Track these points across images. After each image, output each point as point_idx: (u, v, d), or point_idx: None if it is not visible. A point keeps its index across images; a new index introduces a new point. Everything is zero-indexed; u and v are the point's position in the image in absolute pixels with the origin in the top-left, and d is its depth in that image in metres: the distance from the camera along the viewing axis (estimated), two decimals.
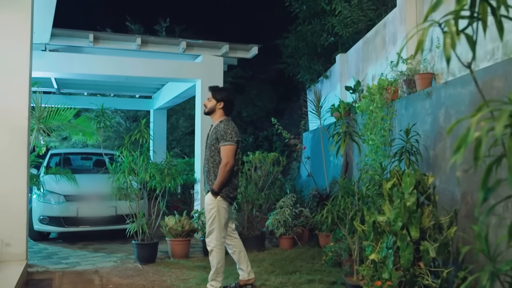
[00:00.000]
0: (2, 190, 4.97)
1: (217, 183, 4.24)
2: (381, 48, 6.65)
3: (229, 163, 4.24)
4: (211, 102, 4.45)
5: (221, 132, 4.29)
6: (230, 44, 7.76)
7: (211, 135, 4.38)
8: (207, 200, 4.30)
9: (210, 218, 4.28)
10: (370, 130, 5.66)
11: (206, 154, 4.40)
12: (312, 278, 4.93)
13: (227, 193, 4.31)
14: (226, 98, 4.48)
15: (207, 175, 4.37)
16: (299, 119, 9.54)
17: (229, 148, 4.26)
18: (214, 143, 4.32)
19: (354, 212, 4.16)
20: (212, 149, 4.33)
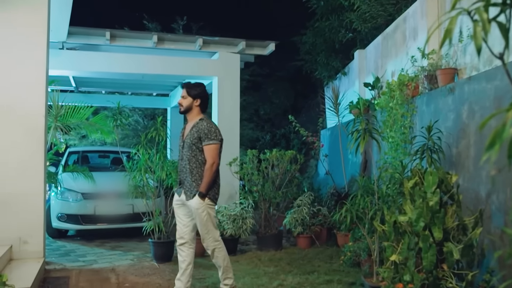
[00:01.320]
0: (20, 188, 4.99)
1: (204, 185, 4.01)
2: (401, 44, 6.49)
3: (215, 163, 4.06)
4: (187, 100, 4.21)
5: (204, 130, 4.07)
6: (247, 41, 7.68)
7: (192, 133, 4.11)
8: (195, 204, 4.02)
9: (202, 222, 4.04)
10: (390, 127, 5.53)
11: (186, 154, 4.12)
12: (331, 279, 4.83)
13: (214, 195, 4.12)
14: (202, 94, 4.25)
15: (190, 176, 4.09)
16: (316, 116, 9.41)
17: (214, 147, 4.08)
18: (196, 142, 4.08)
19: (374, 211, 4.05)
20: (193, 149, 4.08)
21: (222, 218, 6.36)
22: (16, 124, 5.01)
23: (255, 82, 14.15)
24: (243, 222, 6.28)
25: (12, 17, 5.05)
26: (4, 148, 4.96)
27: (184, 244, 4.21)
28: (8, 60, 5.02)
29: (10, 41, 5.03)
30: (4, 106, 4.98)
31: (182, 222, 4.23)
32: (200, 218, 4.04)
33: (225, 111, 7.74)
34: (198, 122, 4.16)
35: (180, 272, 4.23)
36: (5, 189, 4.94)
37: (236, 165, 7.01)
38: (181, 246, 4.21)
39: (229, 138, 7.69)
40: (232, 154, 7.41)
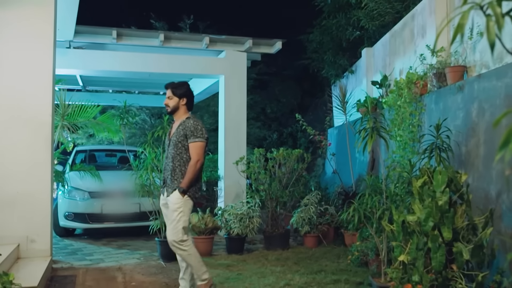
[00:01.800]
0: (27, 187, 5.00)
1: (186, 181, 3.96)
2: (409, 41, 6.43)
3: (199, 160, 4.01)
4: (173, 100, 4.18)
5: (190, 128, 4.04)
6: (254, 39, 7.65)
7: (178, 131, 4.08)
8: (174, 200, 3.98)
9: (175, 219, 3.97)
10: (398, 125, 5.48)
11: (170, 152, 4.09)
12: (338, 278, 4.79)
13: (193, 193, 4.07)
14: (188, 92, 4.25)
15: (171, 173, 4.05)
16: (324, 115, 9.35)
17: (200, 145, 4.04)
18: (182, 140, 4.04)
19: (382, 211, 4.01)
20: (178, 147, 4.05)
21: (229, 217, 6.34)
22: (23, 123, 5.02)
23: (262, 81, 14.12)
24: (250, 221, 6.26)
25: (18, 16, 5.05)
26: (11, 147, 4.97)
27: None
28: (14, 59, 5.03)
29: (17, 40, 5.04)
30: (11, 105, 4.98)
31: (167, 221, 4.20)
32: (174, 214, 3.97)
33: (232, 110, 7.72)
34: (185, 120, 4.13)
35: (182, 271, 4.21)
36: (13, 187, 4.96)
37: (243, 164, 6.99)
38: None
39: (236, 137, 7.70)
40: (239, 153, 7.40)
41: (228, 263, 5.66)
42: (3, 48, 4.99)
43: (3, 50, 4.99)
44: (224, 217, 6.42)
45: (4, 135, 4.96)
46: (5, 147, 4.95)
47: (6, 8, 5.01)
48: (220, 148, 7.91)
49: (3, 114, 4.96)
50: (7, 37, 5.01)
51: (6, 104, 4.97)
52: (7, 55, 5.00)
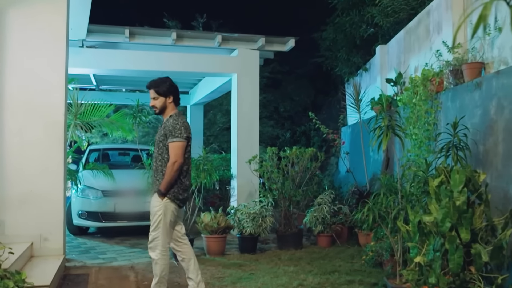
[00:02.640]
0: (40, 185, 5.01)
1: (164, 183, 3.82)
2: (424, 38, 6.31)
3: (177, 161, 3.82)
4: (159, 101, 4.00)
5: (169, 127, 3.88)
6: (266, 37, 7.60)
7: (160, 131, 3.99)
8: (153, 202, 3.89)
9: (155, 222, 3.86)
10: (413, 124, 5.39)
11: (155, 152, 3.99)
12: (352, 279, 4.72)
13: (176, 195, 3.89)
14: (172, 88, 4.05)
15: (154, 174, 3.97)
16: (337, 113, 9.27)
17: (178, 145, 3.84)
18: (162, 139, 3.91)
19: (397, 211, 3.92)
20: (160, 146, 3.92)
21: (242, 216, 6.30)
22: (36, 122, 5.03)
23: (275, 80, 14.08)
24: (262, 221, 6.21)
25: (31, 15, 5.06)
26: (25, 146, 4.99)
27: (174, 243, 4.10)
28: (27, 58, 5.04)
29: (30, 40, 5.05)
30: (24, 104, 5.00)
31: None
32: (155, 217, 3.86)
33: (245, 108, 7.68)
34: (167, 119, 4.00)
35: (187, 271, 4.16)
36: (26, 186, 4.97)
37: (256, 162, 6.94)
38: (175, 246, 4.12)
39: (249, 136, 7.65)
40: (251, 151, 7.35)
41: (241, 262, 5.62)
42: (16, 47, 5.00)
43: (16, 49, 5.00)
44: (236, 216, 6.38)
45: (18, 134, 4.98)
46: (18, 146, 4.97)
47: (19, 8, 5.02)
48: (232, 146, 7.87)
49: (16, 113, 4.98)
50: (20, 37, 5.01)
51: (19, 103, 4.98)
52: (20, 54, 5.01)
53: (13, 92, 4.97)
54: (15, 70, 4.99)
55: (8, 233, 4.91)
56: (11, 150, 4.95)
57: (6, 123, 4.94)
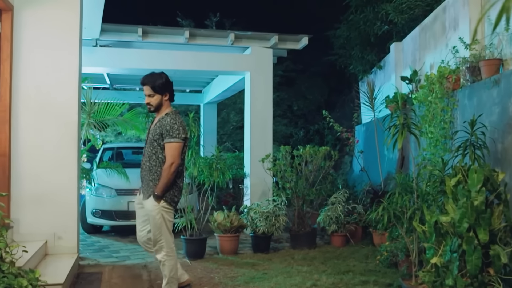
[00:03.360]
0: (54, 184, 5.03)
1: (160, 186, 3.69)
2: (440, 35, 6.21)
3: (174, 163, 3.68)
4: (156, 98, 3.82)
5: (166, 127, 3.70)
6: (279, 35, 7.55)
7: (155, 129, 3.78)
8: (150, 206, 3.74)
9: (155, 225, 3.75)
10: (429, 122, 5.30)
11: (147, 150, 3.80)
12: (366, 279, 4.66)
13: (172, 197, 3.78)
14: (167, 84, 3.88)
15: (148, 173, 3.79)
16: (351, 112, 9.19)
17: (176, 146, 3.69)
18: (157, 138, 3.73)
19: (413, 210, 3.85)
20: (154, 145, 3.75)
21: (255, 215, 6.27)
22: (50, 121, 5.05)
23: (288, 78, 14.02)
24: (276, 220, 6.17)
25: (45, 15, 5.08)
26: (39, 144, 5.01)
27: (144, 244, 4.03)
28: (41, 57, 5.06)
29: (44, 39, 5.07)
30: (38, 103, 5.02)
31: (141, 224, 3.98)
32: (154, 221, 3.75)
33: (258, 107, 7.64)
34: (163, 117, 3.80)
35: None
36: (40, 185, 4.99)
37: (269, 161, 6.90)
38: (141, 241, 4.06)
39: (262, 134, 7.62)
40: (264, 150, 7.32)
41: (254, 262, 5.59)
42: (30, 46, 5.02)
43: (30, 48, 5.02)
44: (250, 215, 6.35)
45: (32, 133, 5.00)
46: (32, 145, 5.00)
47: (34, 8, 5.05)
48: (246, 145, 7.84)
49: (31, 112, 5.00)
50: (34, 36, 5.04)
51: (34, 102, 5.01)
52: (34, 53, 5.04)
53: (27, 91, 5.00)
54: (29, 69, 5.01)
55: (23, 231, 4.94)
56: (26, 148, 4.98)
57: (21, 122, 4.97)
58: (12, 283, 3.26)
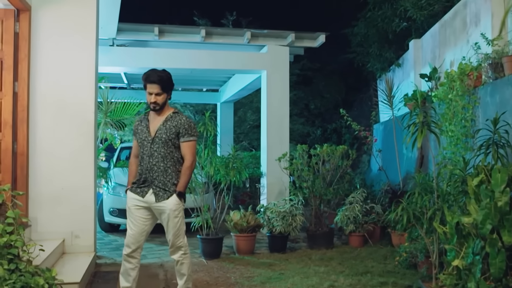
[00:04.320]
0: (71, 183, 5.05)
1: (183, 184, 3.70)
2: (461, 31, 6.07)
3: (194, 161, 3.75)
4: (163, 97, 3.71)
5: (184, 125, 3.69)
6: (296, 33, 7.48)
7: (168, 128, 3.68)
8: (173, 206, 3.66)
9: (176, 225, 3.70)
10: (449, 120, 5.18)
11: (159, 151, 3.68)
12: (385, 281, 4.57)
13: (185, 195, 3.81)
14: (172, 83, 3.81)
15: (163, 174, 3.68)
16: (369, 110, 9.06)
17: (194, 144, 3.74)
18: (173, 137, 3.68)
19: (433, 211, 3.75)
20: (169, 145, 3.68)
21: (272, 215, 6.22)
22: (67, 120, 5.07)
23: (305, 77, 13.95)
24: (292, 219, 6.11)
25: (62, 15, 5.10)
26: (56, 144, 5.04)
27: (137, 250, 3.80)
28: (58, 57, 5.08)
29: (60, 38, 5.09)
30: (55, 102, 5.05)
31: (140, 227, 3.77)
32: (175, 220, 3.69)
33: (274, 105, 7.59)
34: (173, 115, 3.74)
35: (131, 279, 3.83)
36: (57, 183, 5.02)
37: (286, 160, 6.85)
38: (134, 253, 3.79)
39: (279, 133, 7.56)
40: (281, 149, 7.27)
41: (270, 262, 5.54)
42: (47, 46, 5.05)
43: (47, 48, 5.05)
44: (266, 215, 6.30)
45: (49, 132, 5.03)
46: (50, 143, 5.03)
47: (50, 7, 5.07)
48: (262, 144, 7.79)
49: (48, 111, 5.03)
50: (51, 36, 5.06)
51: (51, 101, 5.04)
52: (51, 53, 5.06)
53: (45, 91, 5.03)
54: (46, 69, 5.04)
55: (41, 230, 4.98)
56: (43, 147, 5.01)
57: (38, 121, 5.00)
58: (29, 282, 3.27)
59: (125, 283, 3.85)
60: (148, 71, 3.80)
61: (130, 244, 3.77)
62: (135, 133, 3.88)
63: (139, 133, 3.81)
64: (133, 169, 3.91)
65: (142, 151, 3.76)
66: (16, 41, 4.84)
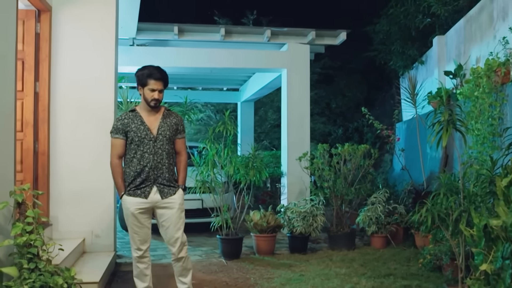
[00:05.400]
0: (91, 182, 5.08)
1: (185, 179, 3.79)
2: (487, 26, 5.89)
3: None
4: (162, 94, 3.69)
5: (181, 122, 3.79)
6: (317, 30, 7.38)
7: (169, 125, 3.69)
8: (181, 200, 3.70)
9: (182, 218, 3.73)
10: (475, 118, 5.02)
11: (163, 148, 3.65)
12: (408, 284, 4.45)
13: None
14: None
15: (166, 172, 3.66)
16: (391, 109, 8.91)
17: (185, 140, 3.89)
18: (174, 134, 3.72)
19: (459, 212, 3.62)
20: (171, 142, 3.72)
21: (292, 215, 6.14)
22: (87, 119, 5.10)
23: (326, 75, 13.83)
24: (313, 220, 6.02)
25: (82, 15, 5.13)
26: (76, 143, 5.07)
27: (147, 249, 3.81)
28: (78, 57, 5.12)
29: (80, 38, 5.12)
30: (75, 101, 5.08)
31: (145, 228, 3.75)
32: (182, 215, 3.73)
33: (295, 104, 7.50)
34: (168, 112, 3.77)
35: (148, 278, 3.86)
36: (78, 183, 5.05)
37: (306, 160, 6.76)
38: (145, 253, 3.79)
39: (299, 132, 7.48)
40: (302, 148, 7.18)
41: (291, 263, 5.46)
42: (67, 46, 5.08)
43: (67, 48, 5.08)
44: (287, 215, 6.22)
45: (70, 132, 5.07)
46: (70, 143, 5.06)
47: (71, 8, 5.10)
48: (283, 143, 7.72)
49: (68, 110, 5.07)
50: (71, 36, 5.10)
51: (71, 101, 5.07)
52: (71, 53, 5.09)
53: (65, 91, 5.06)
54: (67, 69, 5.08)
55: (62, 229, 5.01)
56: (64, 147, 5.04)
57: (59, 121, 5.04)
58: (48, 281, 3.28)
59: (142, 284, 3.84)
60: (147, 67, 3.71)
61: (140, 246, 3.75)
62: (125, 131, 3.67)
63: (134, 131, 3.63)
64: (120, 171, 3.72)
65: (142, 150, 3.62)
66: (37, 41, 4.88)
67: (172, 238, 3.73)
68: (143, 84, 3.66)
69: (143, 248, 3.77)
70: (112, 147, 3.75)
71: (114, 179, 3.75)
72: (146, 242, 3.79)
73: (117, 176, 3.72)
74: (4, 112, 3.37)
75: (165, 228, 3.75)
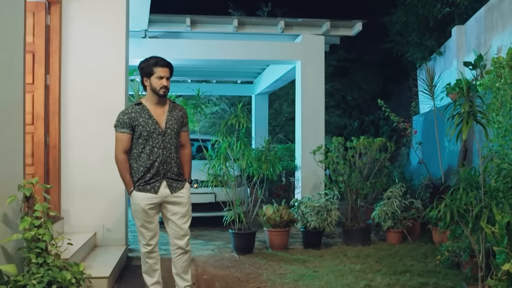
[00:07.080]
0: (102, 176, 5.02)
1: (190, 172, 3.75)
2: (509, 14, 5.68)
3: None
4: (169, 81, 3.61)
5: (186, 115, 3.74)
6: (331, 21, 7.22)
7: (177, 119, 3.60)
8: (189, 193, 3.68)
9: (190, 212, 3.69)
10: (497, 110, 4.83)
11: (172, 142, 3.57)
12: (425, 281, 4.32)
13: None
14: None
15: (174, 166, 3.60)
16: (408, 101, 8.71)
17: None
18: (180, 127, 3.66)
19: (480, 209, 3.46)
20: (178, 135, 3.64)
21: (306, 209, 6.03)
22: (97, 113, 5.04)
23: (342, 68, 13.65)
24: (327, 214, 5.90)
25: (92, 7, 5.06)
26: (87, 136, 5.02)
27: (156, 244, 3.79)
28: (88, 49, 5.05)
29: (91, 30, 5.05)
30: (85, 94, 5.03)
31: (155, 223, 3.71)
32: (190, 208, 3.69)
33: (309, 96, 7.37)
34: (175, 105, 3.71)
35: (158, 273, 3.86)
36: (89, 177, 5.01)
37: (321, 153, 6.63)
38: (154, 248, 3.78)
39: (314, 125, 7.35)
40: (316, 141, 7.06)
41: (304, 258, 5.37)
42: (77, 39, 5.02)
43: (77, 41, 5.02)
44: (300, 210, 6.11)
45: (80, 125, 5.02)
46: (81, 137, 5.02)
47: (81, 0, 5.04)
48: (297, 137, 7.60)
49: (79, 104, 5.02)
50: (81, 28, 5.03)
51: (81, 94, 5.02)
52: (81, 46, 5.03)
53: (75, 83, 5.01)
54: (77, 62, 5.02)
55: (73, 222, 4.99)
56: (75, 140, 5.00)
57: (69, 114, 5.00)
58: (56, 276, 3.23)
59: (151, 279, 3.81)
60: (150, 57, 3.64)
61: (149, 241, 3.71)
62: (133, 126, 3.53)
63: (142, 125, 3.50)
64: (127, 166, 3.59)
65: (151, 144, 3.52)
66: (47, 33, 4.83)
67: (181, 232, 3.69)
68: (149, 73, 3.57)
69: (152, 243, 3.72)
70: (117, 142, 3.60)
71: (122, 175, 3.63)
72: (155, 237, 3.75)
73: (125, 172, 3.60)
74: (12, 105, 3.32)
75: (173, 223, 3.69)
